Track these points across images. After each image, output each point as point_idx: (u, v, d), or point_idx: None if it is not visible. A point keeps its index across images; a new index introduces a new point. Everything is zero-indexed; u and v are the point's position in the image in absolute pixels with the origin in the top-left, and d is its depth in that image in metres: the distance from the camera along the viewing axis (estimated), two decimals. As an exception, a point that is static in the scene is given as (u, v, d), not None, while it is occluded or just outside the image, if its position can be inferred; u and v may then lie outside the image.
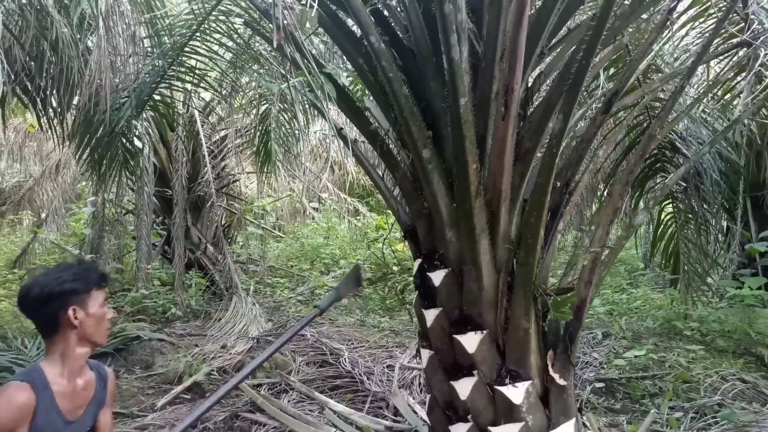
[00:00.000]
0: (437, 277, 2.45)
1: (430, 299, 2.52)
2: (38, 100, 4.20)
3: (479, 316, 2.36)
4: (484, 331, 2.35)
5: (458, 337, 2.37)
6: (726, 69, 3.60)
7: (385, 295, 8.40)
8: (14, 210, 12.08)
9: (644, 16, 2.70)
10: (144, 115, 5.59)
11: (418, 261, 2.59)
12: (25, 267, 10.03)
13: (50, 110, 4.32)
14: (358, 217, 11.87)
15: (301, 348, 5.73)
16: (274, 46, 1.49)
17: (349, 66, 2.68)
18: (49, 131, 4.43)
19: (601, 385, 4.62)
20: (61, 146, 5.23)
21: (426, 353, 2.60)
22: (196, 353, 5.35)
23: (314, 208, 12.32)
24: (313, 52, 4.60)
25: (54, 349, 1.70)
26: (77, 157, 4.74)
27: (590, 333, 5.97)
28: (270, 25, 2.29)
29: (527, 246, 2.21)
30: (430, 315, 2.50)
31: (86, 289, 1.72)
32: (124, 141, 4.76)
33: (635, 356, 5.07)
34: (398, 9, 2.47)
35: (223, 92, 6.07)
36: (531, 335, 2.33)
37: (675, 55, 4.55)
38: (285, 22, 1.68)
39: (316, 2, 1.81)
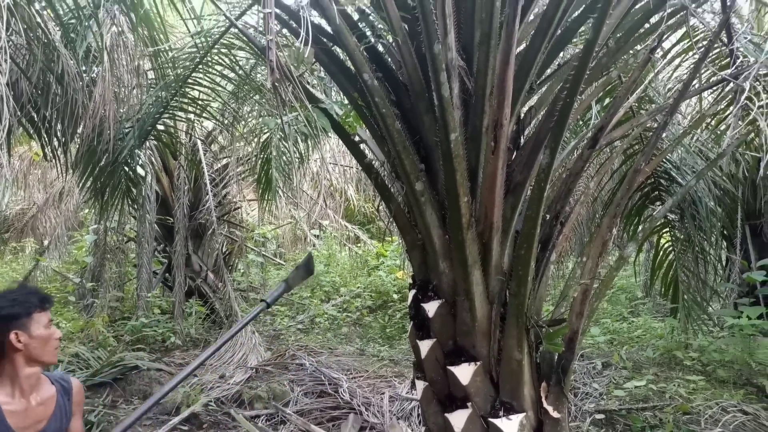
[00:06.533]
0: (431, 307, 2.46)
1: (424, 330, 2.53)
2: (43, 130, 4.27)
3: (473, 347, 2.37)
4: (478, 363, 2.35)
5: (452, 368, 2.37)
6: (714, 102, 3.65)
7: (385, 323, 8.37)
8: (17, 237, 12.13)
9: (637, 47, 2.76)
10: (147, 144, 5.67)
11: (413, 292, 2.61)
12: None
13: (55, 140, 4.38)
14: (359, 245, 11.88)
15: (299, 378, 5.70)
16: (269, 86, 1.54)
17: (345, 100, 2.74)
18: (54, 160, 4.49)
19: (601, 416, 4.58)
20: (64, 174, 5.29)
21: (421, 384, 2.60)
22: (194, 384, 5.32)
23: (315, 236, 12.34)
24: (313, 82, 4.70)
25: (2, 371, 1.76)
26: (80, 185, 4.81)
27: (590, 363, 5.92)
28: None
29: (519, 277, 2.23)
30: (425, 346, 2.50)
31: (27, 313, 1.76)
32: (127, 170, 4.82)
33: (635, 387, 5.02)
34: (392, 45, 2.53)
35: (225, 122, 6.16)
36: (524, 366, 2.33)
37: (668, 86, 4.62)
38: (282, 60, 1.74)
39: (311, 40, 1.87)
